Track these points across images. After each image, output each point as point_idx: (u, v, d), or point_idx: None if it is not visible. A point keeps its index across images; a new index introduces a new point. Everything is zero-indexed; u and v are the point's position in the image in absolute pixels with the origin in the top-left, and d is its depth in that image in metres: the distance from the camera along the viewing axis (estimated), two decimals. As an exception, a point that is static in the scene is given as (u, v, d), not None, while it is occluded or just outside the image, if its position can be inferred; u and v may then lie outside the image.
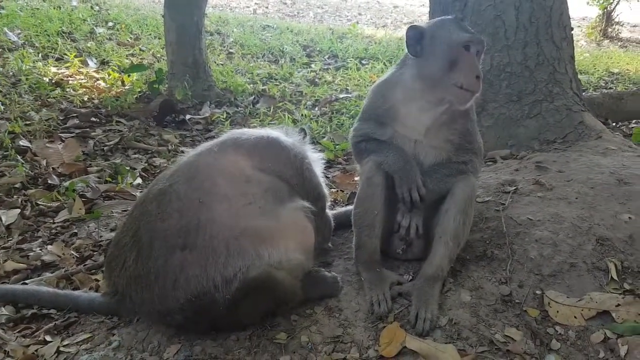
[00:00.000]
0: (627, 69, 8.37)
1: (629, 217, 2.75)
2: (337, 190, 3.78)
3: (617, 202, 2.89)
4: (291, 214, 2.29)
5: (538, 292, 2.42)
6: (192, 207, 2.10)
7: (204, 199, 2.12)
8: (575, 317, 2.31)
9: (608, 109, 5.41)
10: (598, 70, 8.09)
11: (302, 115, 5.59)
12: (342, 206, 3.36)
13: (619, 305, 2.32)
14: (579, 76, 4.60)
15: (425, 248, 2.53)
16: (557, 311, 2.34)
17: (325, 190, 2.70)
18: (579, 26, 12.46)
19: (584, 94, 4.77)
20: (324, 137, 4.96)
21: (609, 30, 11.78)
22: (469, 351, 2.15)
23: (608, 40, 11.53)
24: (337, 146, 4.65)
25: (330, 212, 2.81)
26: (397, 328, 2.22)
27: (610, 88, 7.14)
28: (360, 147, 2.65)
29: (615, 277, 2.46)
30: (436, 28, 2.45)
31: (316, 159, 2.67)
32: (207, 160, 2.32)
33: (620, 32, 11.95)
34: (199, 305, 2.04)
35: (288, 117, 5.43)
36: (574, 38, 4.55)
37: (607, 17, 11.70)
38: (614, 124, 5.36)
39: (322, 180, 2.68)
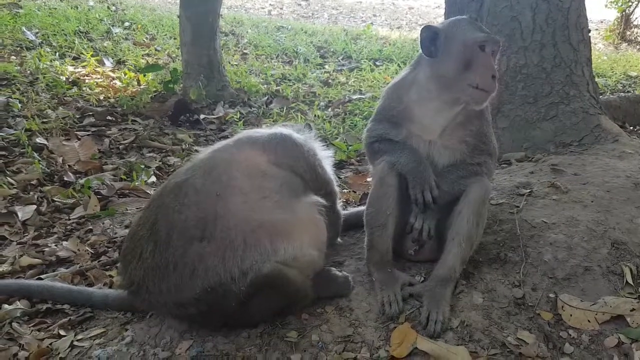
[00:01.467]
0: (646, 73, 8.26)
1: (645, 221, 2.72)
2: (350, 191, 3.77)
3: (633, 205, 2.86)
4: (306, 209, 2.30)
5: (552, 295, 2.41)
6: (209, 200, 2.12)
7: (221, 192, 2.14)
8: (589, 321, 2.29)
9: (625, 112, 5.35)
10: (616, 74, 7.99)
11: (315, 115, 5.60)
12: (355, 207, 3.36)
13: (633, 309, 2.30)
14: (597, 79, 4.55)
15: (437, 249, 2.51)
16: (571, 315, 2.32)
17: (336, 187, 2.71)
18: (597, 29, 12.32)
19: (601, 97, 4.72)
20: (337, 138, 4.96)
21: (628, 33, 11.62)
22: (481, 353, 2.13)
23: (626, 44, 11.38)
24: (349, 147, 4.65)
25: (340, 208, 2.81)
26: (408, 329, 2.21)
27: (628, 91, 7.04)
28: (373, 147, 2.64)
29: (630, 281, 2.45)
30: (451, 28, 2.44)
31: (326, 156, 2.68)
32: (223, 155, 2.34)
33: (639, 35, 11.78)
34: (214, 297, 2.05)
35: (301, 118, 5.44)
36: (592, 41, 4.50)
37: (626, 20, 11.55)
38: (631, 127, 5.29)
39: (333, 177, 2.68)
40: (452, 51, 2.38)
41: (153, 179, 4.04)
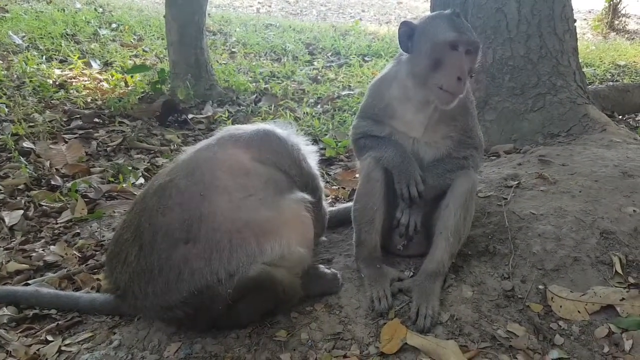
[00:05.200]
0: (634, 61, 8.25)
1: (634, 210, 2.73)
2: (339, 187, 3.76)
3: (621, 195, 2.86)
4: (292, 206, 2.28)
5: (541, 287, 2.41)
6: (193, 201, 2.09)
7: (204, 192, 2.11)
8: (579, 311, 2.29)
9: (614, 102, 5.37)
10: (604, 63, 7.99)
11: (304, 113, 5.57)
12: (344, 203, 3.35)
13: (623, 299, 2.30)
14: (585, 69, 4.56)
15: (426, 244, 2.51)
16: (561, 306, 2.32)
17: (321, 182, 2.69)
18: (585, 19, 12.33)
19: (590, 87, 4.73)
20: (326, 134, 4.94)
21: (616, 22, 11.60)
22: (471, 347, 2.13)
23: (615, 33, 11.37)
24: (339, 143, 4.63)
25: (326, 204, 2.79)
26: (397, 324, 2.21)
27: (617, 80, 7.04)
28: (359, 143, 2.63)
29: (619, 270, 2.44)
30: (425, 25, 2.39)
31: (310, 151, 2.65)
32: (206, 154, 2.32)
33: (627, 25, 11.77)
34: (201, 299, 2.03)
35: (290, 115, 5.42)
36: (581, 31, 4.51)
37: (614, 10, 11.52)
38: (620, 116, 5.31)
39: (318, 172, 2.66)
40: (423, 49, 2.34)
41: (141, 180, 4.00)
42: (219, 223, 2.06)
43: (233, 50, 8.28)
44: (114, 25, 8.63)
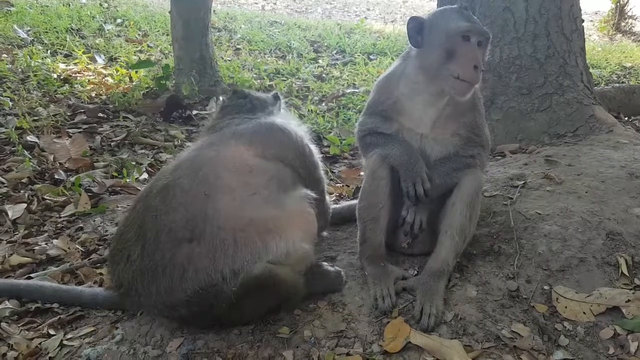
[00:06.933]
0: (640, 63, 8.23)
1: (640, 212, 2.71)
2: (343, 185, 3.75)
3: (628, 196, 2.84)
4: (296, 203, 2.27)
5: (546, 287, 2.39)
6: (197, 200, 2.08)
7: (208, 191, 2.10)
8: (584, 312, 2.28)
9: (620, 103, 5.34)
10: (610, 65, 7.96)
11: (308, 110, 5.56)
12: (348, 200, 3.33)
13: (629, 300, 2.28)
14: (591, 70, 4.52)
15: (431, 242, 2.49)
16: (566, 307, 2.30)
17: (323, 173, 2.68)
18: (591, 20, 12.28)
19: (595, 88, 4.69)
20: (331, 132, 4.92)
21: (622, 24, 11.57)
22: (475, 347, 2.12)
23: (621, 35, 11.34)
24: (343, 141, 4.61)
25: (329, 199, 2.77)
26: (401, 323, 2.19)
27: (623, 82, 7.01)
28: (365, 141, 2.61)
29: (625, 272, 2.43)
30: (436, 18, 2.40)
31: (307, 136, 2.64)
32: (209, 153, 2.30)
33: (633, 26, 11.74)
34: (206, 298, 2.02)
35: (294, 112, 5.40)
36: (587, 32, 4.48)
37: (620, 11, 11.50)
38: (626, 118, 5.28)
39: (320, 162, 2.65)
40: (435, 41, 2.34)
41: (145, 175, 4.00)
42: (223, 222, 2.05)
43: (238, 47, 8.27)
44: (119, 21, 8.62)
